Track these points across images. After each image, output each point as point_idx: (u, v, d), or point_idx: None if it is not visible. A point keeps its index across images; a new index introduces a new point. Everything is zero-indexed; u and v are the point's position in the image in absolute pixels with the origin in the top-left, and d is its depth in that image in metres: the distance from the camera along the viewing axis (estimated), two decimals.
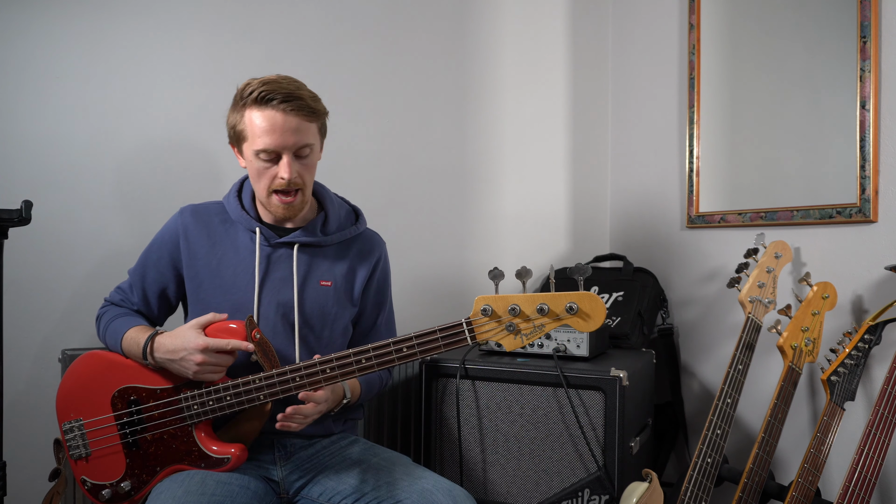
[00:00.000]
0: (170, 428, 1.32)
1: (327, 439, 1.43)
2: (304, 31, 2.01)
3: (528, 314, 1.11)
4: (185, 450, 1.31)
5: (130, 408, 1.33)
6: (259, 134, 1.31)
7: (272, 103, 1.30)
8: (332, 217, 1.47)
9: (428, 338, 1.17)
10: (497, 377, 1.75)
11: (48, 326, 1.71)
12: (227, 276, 1.39)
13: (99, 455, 1.34)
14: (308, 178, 1.38)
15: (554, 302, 1.10)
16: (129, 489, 1.32)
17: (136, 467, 1.32)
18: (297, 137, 1.32)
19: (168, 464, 1.32)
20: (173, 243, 1.43)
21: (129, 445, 1.33)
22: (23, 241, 1.64)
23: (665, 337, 2.17)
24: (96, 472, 1.34)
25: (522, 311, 1.11)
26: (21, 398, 1.67)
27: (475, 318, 1.14)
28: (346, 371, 1.22)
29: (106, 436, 1.34)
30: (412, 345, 1.18)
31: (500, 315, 1.12)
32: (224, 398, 1.28)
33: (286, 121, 1.31)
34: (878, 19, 1.62)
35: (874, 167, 1.62)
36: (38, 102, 1.70)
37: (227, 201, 1.46)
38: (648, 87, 2.33)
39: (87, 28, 1.74)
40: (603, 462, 1.65)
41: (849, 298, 1.68)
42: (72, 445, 1.35)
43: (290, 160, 1.33)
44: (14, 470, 1.56)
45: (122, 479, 1.33)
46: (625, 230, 2.44)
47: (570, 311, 1.09)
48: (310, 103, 1.34)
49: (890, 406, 1.43)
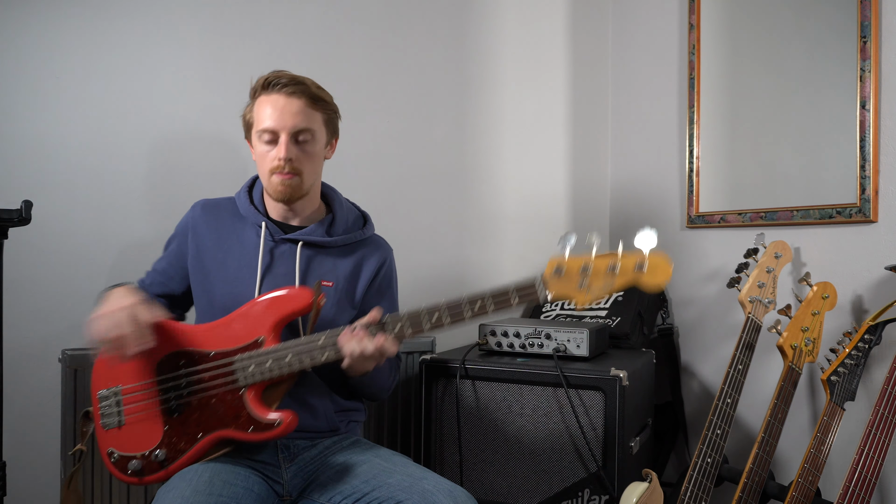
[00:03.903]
0: (219, 391, 1.28)
1: (329, 439, 1.43)
2: (303, 31, 2.01)
3: (600, 272, 1.18)
4: (233, 414, 1.27)
5: (179, 371, 1.29)
6: (262, 117, 1.37)
7: (277, 87, 1.36)
8: (339, 219, 1.48)
9: (502, 296, 1.23)
10: (497, 377, 1.75)
11: (48, 326, 1.71)
12: (232, 269, 1.41)
13: (133, 422, 1.29)
14: (308, 166, 1.40)
15: (624, 261, 1.18)
16: (163, 458, 1.28)
17: (175, 434, 1.28)
18: (296, 120, 1.36)
19: (213, 429, 1.27)
20: (183, 235, 1.47)
21: (169, 412, 1.29)
22: (23, 241, 1.64)
23: (665, 337, 2.17)
24: (127, 443, 1.29)
25: (595, 269, 1.18)
26: (21, 398, 1.67)
27: (546, 277, 1.21)
28: (417, 329, 1.26)
29: (145, 401, 1.29)
30: (487, 301, 1.23)
31: (571, 274, 1.19)
32: (283, 357, 1.27)
33: (288, 103, 1.36)
34: (878, 19, 1.62)
35: (874, 167, 1.62)
36: (38, 102, 1.70)
37: (238, 197, 1.49)
38: (648, 88, 2.33)
39: (87, 28, 1.74)
40: (603, 462, 1.65)
41: (849, 298, 1.68)
42: (105, 414, 1.30)
43: (287, 140, 1.36)
44: (14, 470, 1.56)
45: (156, 447, 1.28)
46: (625, 230, 2.44)
47: (639, 268, 1.17)
48: (313, 90, 1.39)
49: (890, 406, 1.43)
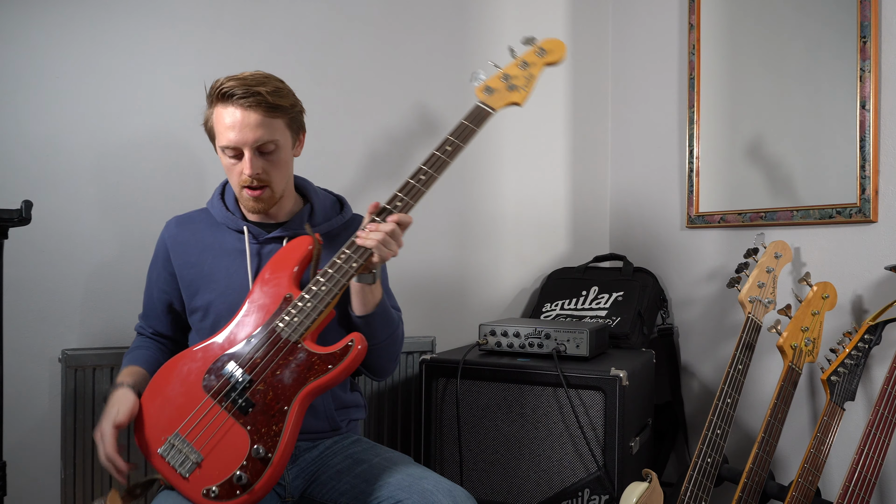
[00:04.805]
0: (278, 360, 1.23)
1: (330, 439, 1.43)
2: (303, 31, 2.01)
3: (517, 74, 1.40)
4: (305, 367, 1.23)
5: (229, 371, 1.24)
6: (222, 131, 1.32)
7: (233, 99, 1.29)
8: (317, 208, 1.47)
9: (460, 130, 1.35)
10: (497, 377, 1.75)
11: (48, 326, 1.71)
12: (221, 279, 1.39)
13: (211, 448, 1.22)
14: (276, 175, 1.36)
15: (529, 56, 1.41)
16: (264, 452, 1.20)
17: (261, 424, 1.21)
18: (258, 133, 1.30)
19: (295, 392, 1.22)
20: (164, 257, 1.45)
21: (242, 411, 1.22)
22: (23, 241, 1.64)
23: (665, 337, 2.17)
24: (218, 469, 1.21)
25: (511, 74, 1.40)
26: (21, 398, 1.67)
27: (483, 99, 1.38)
28: (416, 193, 1.31)
29: (211, 420, 1.22)
30: (452, 142, 1.33)
31: (499, 87, 1.39)
32: (319, 291, 1.25)
33: (245, 116, 1.29)
34: (878, 19, 1.62)
35: (874, 167, 1.62)
36: (38, 102, 1.70)
37: (211, 205, 1.46)
38: (648, 87, 2.33)
39: (86, 28, 1.74)
40: (603, 462, 1.65)
41: (849, 298, 1.68)
42: (178, 464, 1.21)
43: (251, 156, 1.32)
44: (14, 470, 1.56)
45: (251, 449, 1.20)
46: (625, 230, 2.44)
47: (540, 53, 1.41)
48: (269, 99, 1.30)
49: (890, 406, 1.43)
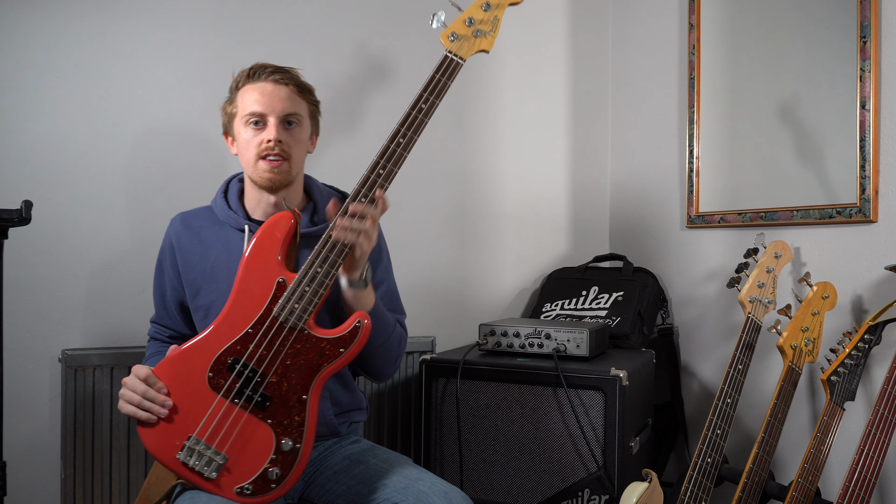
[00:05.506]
0: (286, 348, 1.19)
1: (330, 440, 1.43)
2: (303, 30, 2.01)
3: (481, 18, 1.32)
4: (316, 353, 1.19)
5: (236, 367, 1.19)
6: (248, 103, 1.36)
7: (263, 76, 1.37)
8: (320, 206, 1.46)
9: (431, 84, 1.28)
10: (497, 377, 1.75)
11: (48, 326, 1.71)
12: (223, 278, 1.38)
13: (236, 447, 1.17)
14: (296, 152, 1.38)
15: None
16: (291, 445, 1.16)
17: (282, 417, 1.17)
18: (286, 104, 1.36)
19: (311, 380, 1.19)
20: (171, 255, 1.45)
21: (259, 406, 1.18)
22: (23, 241, 1.64)
23: (665, 337, 2.17)
24: (247, 467, 1.16)
25: (475, 18, 1.32)
26: (21, 398, 1.67)
27: (451, 48, 1.30)
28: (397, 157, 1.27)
29: (230, 418, 1.17)
30: (425, 98, 1.28)
31: (464, 31, 1.31)
32: (314, 274, 1.20)
33: (276, 90, 1.36)
34: (878, 19, 1.62)
35: (874, 167, 1.62)
36: (38, 102, 1.70)
37: (214, 204, 1.46)
38: (648, 87, 2.33)
39: (86, 28, 1.74)
40: (603, 462, 1.65)
41: (849, 298, 1.68)
42: (201, 469, 1.16)
43: (276, 123, 1.35)
44: (14, 470, 1.56)
45: (279, 443, 1.17)
46: (624, 230, 2.44)
47: None
48: (299, 77, 1.40)
49: (890, 406, 1.43)
